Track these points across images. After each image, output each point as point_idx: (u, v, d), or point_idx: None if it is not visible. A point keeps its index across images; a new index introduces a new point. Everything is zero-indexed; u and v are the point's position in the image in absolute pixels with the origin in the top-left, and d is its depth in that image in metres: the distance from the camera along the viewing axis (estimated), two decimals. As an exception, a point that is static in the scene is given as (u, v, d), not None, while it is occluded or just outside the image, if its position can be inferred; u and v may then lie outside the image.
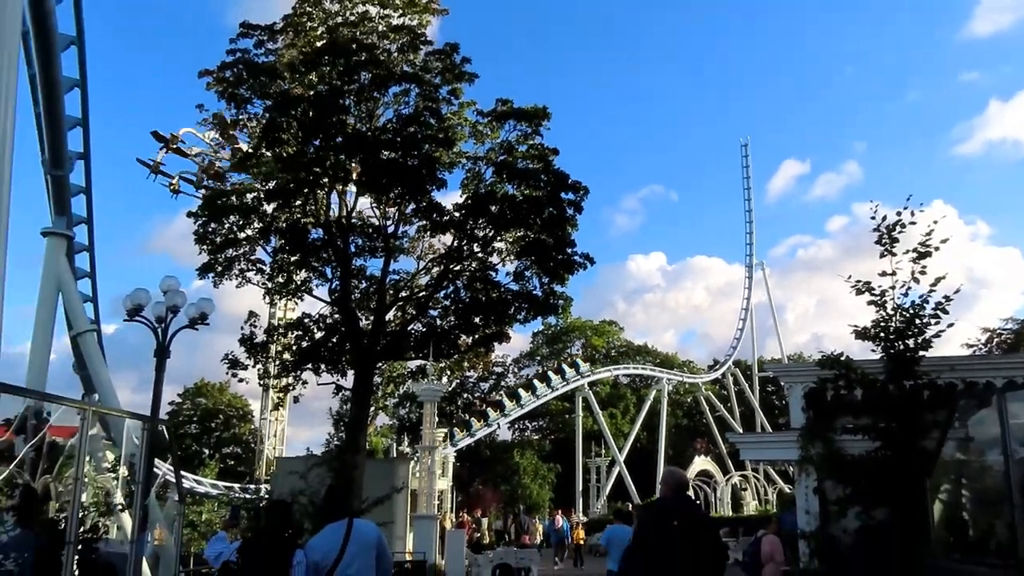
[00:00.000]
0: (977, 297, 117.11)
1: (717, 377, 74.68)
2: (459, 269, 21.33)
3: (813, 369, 12.11)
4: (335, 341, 21.23)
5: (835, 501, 10.67)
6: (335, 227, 20.74)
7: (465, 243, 20.92)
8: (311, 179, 20.05)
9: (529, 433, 72.14)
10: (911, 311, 10.55)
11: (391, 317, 21.59)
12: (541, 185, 20.67)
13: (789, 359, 75.04)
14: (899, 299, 10.68)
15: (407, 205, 20.94)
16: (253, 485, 43.14)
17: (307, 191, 20.29)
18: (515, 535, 35.02)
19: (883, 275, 10.73)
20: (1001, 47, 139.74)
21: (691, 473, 54.90)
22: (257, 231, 20.88)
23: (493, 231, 20.80)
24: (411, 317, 21.82)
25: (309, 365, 21.41)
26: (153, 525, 14.21)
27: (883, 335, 10.58)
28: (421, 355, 22.23)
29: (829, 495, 11.20)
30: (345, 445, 20.50)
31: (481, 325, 21.57)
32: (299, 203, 20.58)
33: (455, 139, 20.84)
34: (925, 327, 10.44)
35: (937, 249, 10.51)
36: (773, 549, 11.96)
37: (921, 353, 10.43)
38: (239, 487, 43.48)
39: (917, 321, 10.45)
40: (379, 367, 22.91)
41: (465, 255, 21.08)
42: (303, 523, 11.64)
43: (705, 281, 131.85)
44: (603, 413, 61.28)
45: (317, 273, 21.46)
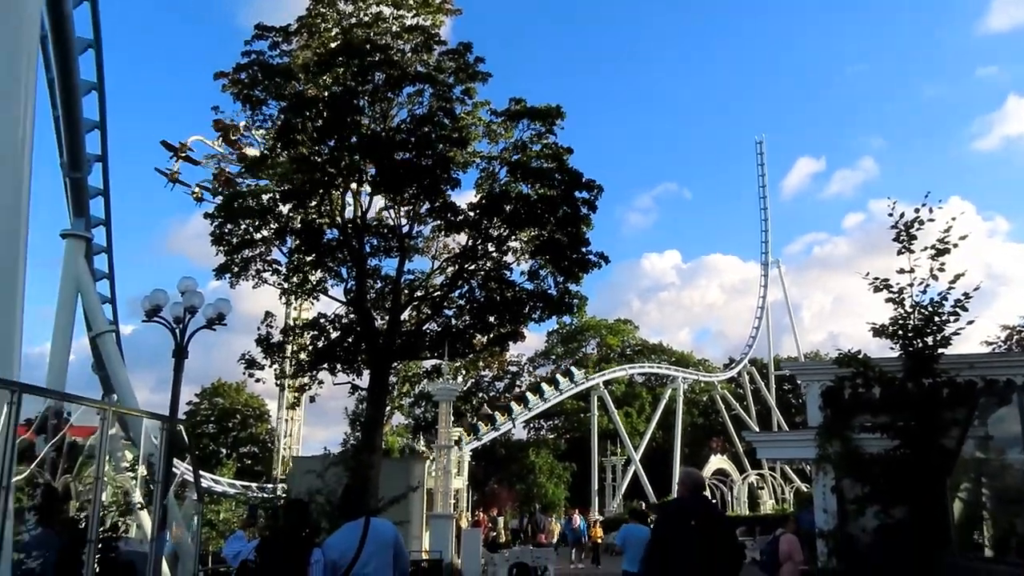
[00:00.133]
0: (996, 294, 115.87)
1: (733, 376, 74.33)
2: (474, 268, 21.35)
3: (830, 367, 12.06)
4: (351, 341, 21.31)
5: (853, 500, 10.62)
6: (350, 227, 20.84)
7: (480, 242, 20.95)
8: (326, 180, 20.15)
9: (544, 432, 72.10)
10: (930, 308, 10.51)
11: (406, 317, 21.65)
12: (555, 184, 20.65)
13: (805, 357, 74.59)
14: (917, 296, 10.65)
15: (422, 205, 21.01)
16: (270, 484, 43.35)
17: (322, 192, 20.39)
18: (531, 534, 34.94)
19: (901, 272, 10.69)
20: (1019, 41, 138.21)
21: (707, 472, 54.65)
22: (273, 232, 20.98)
23: (508, 230, 20.81)
24: (426, 317, 21.88)
25: (325, 365, 21.50)
26: (172, 524, 14.32)
27: (901, 333, 10.54)
28: (436, 355, 22.29)
29: (847, 494, 11.15)
30: (361, 444, 20.59)
31: (496, 324, 21.59)
32: (314, 204, 20.68)
33: (469, 139, 20.85)
34: (944, 324, 10.39)
35: (955, 246, 10.46)
36: (791, 548, 11.91)
37: (940, 351, 10.39)
38: (256, 486, 43.73)
39: (936, 318, 10.41)
40: (395, 367, 22.98)
41: (480, 254, 21.10)
42: (320, 522, 11.69)
43: (720, 279, 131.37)
44: (618, 412, 61.14)
45: (332, 273, 21.55)
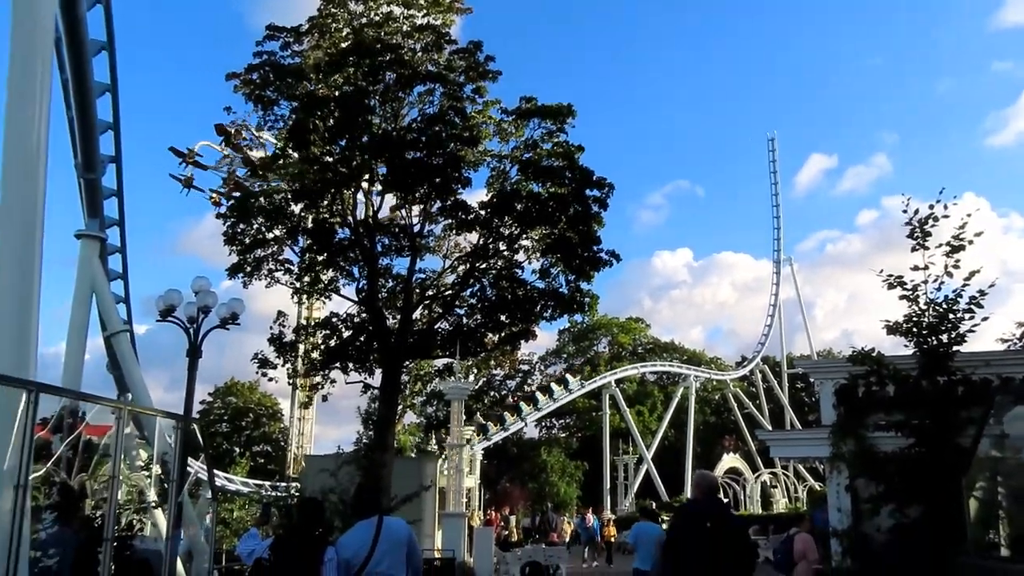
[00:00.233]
0: (1012, 291, 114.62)
1: (745, 374, 74.09)
2: (485, 267, 21.38)
3: (844, 365, 12.00)
4: (363, 340, 21.37)
5: (868, 499, 10.57)
6: (362, 227, 20.90)
7: (491, 241, 20.97)
8: (338, 179, 20.22)
9: (556, 431, 72.12)
10: (944, 306, 10.44)
11: (418, 316, 21.70)
12: (566, 182, 20.66)
13: (818, 355, 74.27)
14: (932, 294, 10.58)
15: (433, 204, 21.05)
16: (283, 483, 43.53)
17: (334, 191, 20.46)
18: (543, 533, 35.04)
19: (915, 269, 10.63)
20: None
21: (720, 471, 54.52)
22: (285, 231, 21.09)
23: (519, 229, 20.82)
24: (438, 316, 21.92)
25: (337, 364, 21.58)
26: (187, 522, 14.41)
27: (916, 330, 10.48)
28: (448, 353, 22.31)
29: (861, 493, 11.09)
30: (374, 443, 20.64)
31: (507, 323, 21.60)
32: (326, 203, 20.76)
33: (480, 137, 20.88)
34: (959, 322, 10.32)
35: (971, 243, 10.39)
36: (806, 547, 11.87)
37: (955, 348, 10.33)
38: (269, 485, 43.88)
39: (951, 316, 10.34)
40: (406, 365, 23.02)
41: (491, 253, 21.13)
42: (333, 521, 11.72)
43: (732, 277, 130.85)
44: (630, 411, 61.08)
45: (344, 272, 21.62)
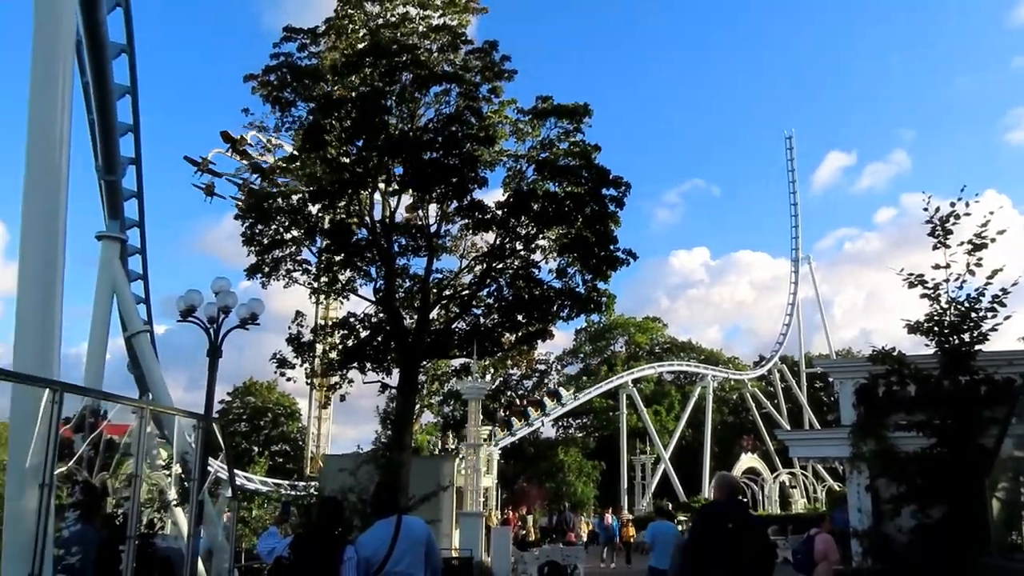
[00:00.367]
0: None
1: (763, 373, 73.63)
2: (502, 267, 21.41)
3: (864, 364, 11.91)
4: (380, 340, 21.46)
5: (889, 499, 10.49)
6: (379, 227, 20.97)
7: (507, 241, 21.00)
8: (355, 180, 20.31)
9: (573, 431, 72.03)
10: (966, 304, 10.34)
11: (435, 316, 21.77)
12: (583, 182, 20.64)
13: (837, 355, 73.66)
14: (954, 292, 10.47)
15: (449, 204, 21.09)
16: (301, 482, 43.77)
17: (351, 192, 20.55)
18: (560, 532, 34.93)
19: (937, 268, 10.52)
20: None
21: (738, 471, 54.15)
22: (303, 232, 21.21)
23: (535, 228, 20.83)
24: (455, 315, 21.98)
25: (355, 364, 21.68)
26: (206, 521, 14.50)
27: (937, 329, 10.38)
28: (465, 353, 22.37)
29: (883, 493, 11.01)
30: (392, 442, 20.72)
31: (524, 323, 21.63)
32: (343, 204, 20.85)
33: (496, 137, 20.91)
34: (981, 321, 10.22)
35: (993, 240, 10.28)
36: (827, 547, 11.78)
37: (977, 347, 10.23)
38: (287, 484, 44.14)
39: (973, 314, 10.24)
40: (424, 365, 23.09)
41: (507, 253, 21.16)
42: (352, 520, 11.76)
43: (749, 276, 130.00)
44: (648, 410, 60.90)
45: (362, 273, 21.73)
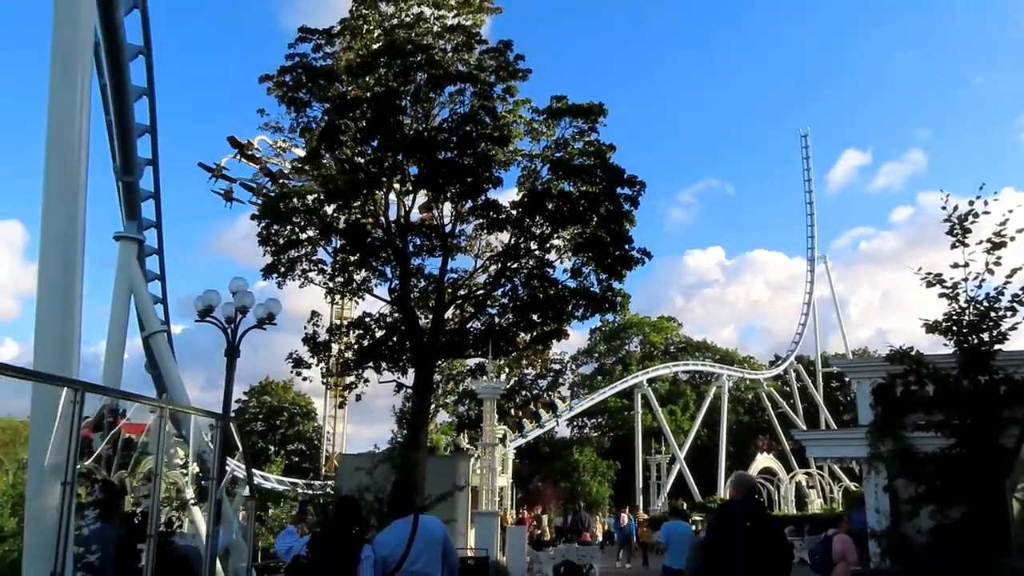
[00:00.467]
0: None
1: (779, 373, 73.22)
2: (516, 267, 21.43)
3: (881, 364, 11.85)
4: (395, 340, 21.53)
5: (907, 500, 10.44)
6: (394, 227, 21.04)
7: (522, 240, 21.01)
8: (369, 180, 20.37)
9: (588, 430, 71.95)
10: (985, 303, 10.27)
11: (450, 315, 21.81)
12: (597, 181, 20.62)
13: (853, 354, 73.16)
14: (972, 291, 10.40)
15: (464, 204, 21.12)
16: (317, 481, 43.96)
17: (366, 192, 20.62)
18: (576, 532, 34.93)
19: (955, 267, 10.46)
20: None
21: (754, 471, 53.91)
22: (318, 232, 21.30)
23: (550, 228, 20.84)
24: (469, 315, 22.01)
25: (370, 363, 21.75)
26: (224, 519, 14.61)
27: (956, 329, 10.32)
28: (480, 353, 22.38)
29: (901, 493, 10.96)
30: (407, 442, 20.79)
31: (539, 323, 21.63)
32: (358, 204, 20.92)
33: (510, 137, 20.92)
34: (1000, 320, 10.16)
35: (1012, 239, 10.21)
36: (845, 548, 11.73)
37: (997, 347, 10.15)
38: (303, 483, 44.35)
39: (992, 314, 10.18)
40: (439, 365, 23.14)
41: (522, 252, 21.17)
42: (369, 519, 11.80)
43: (765, 275, 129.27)
44: (663, 410, 60.74)
45: (377, 273, 21.80)
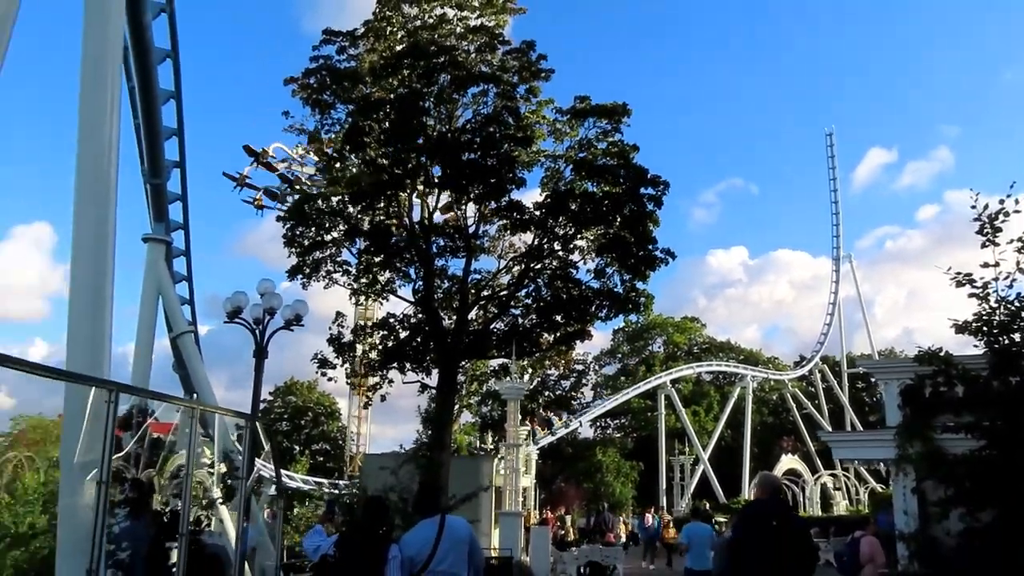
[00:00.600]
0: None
1: (804, 374, 72.55)
2: (540, 267, 21.43)
3: (910, 365, 11.74)
4: (419, 340, 21.63)
5: (936, 502, 10.32)
6: (417, 228, 21.13)
7: (545, 241, 21.01)
8: (393, 181, 20.48)
9: (611, 431, 71.79)
10: (1017, 303, 10.13)
11: (473, 316, 21.86)
12: (621, 181, 20.57)
13: (879, 355, 72.37)
14: (1003, 291, 10.26)
15: (487, 204, 21.16)
16: (342, 481, 44.25)
17: (390, 193, 20.73)
18: (599, 532, 34.85)
19: (985, 266, 10.32)
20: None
21: (779, 472, 53.49)
22: (343, 233, 21.45)
23: (573, 229, 20.82)
24: (493, 316, 22.04)
25: (394, 364, 21.87)
26: (252, 518, 14.77)
27: (986, 329, 10.18)
28: (503, 353, 22.42)
29: (930, 496, 10.85)
30: (432, 442, 20.87)
31: (563, 323, 21.64)
32: (382, 205, 21.04)
33: (533, 137, 20.92)
34: (1033, 320, 9.99)
35: (1044, 238, 10.05)
36: (873, 550, 11.62)
37: (1028, 348, 10.00)
38: (328, 483, 44.66)
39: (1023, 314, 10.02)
40: (463, 365, 23.21)
41: (546, 253, 21.17)
42: (394, 519, 11.86)
43: (789, 275, 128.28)
44: (686, 411, 60.47)
45: (401, 274, 21.91)
